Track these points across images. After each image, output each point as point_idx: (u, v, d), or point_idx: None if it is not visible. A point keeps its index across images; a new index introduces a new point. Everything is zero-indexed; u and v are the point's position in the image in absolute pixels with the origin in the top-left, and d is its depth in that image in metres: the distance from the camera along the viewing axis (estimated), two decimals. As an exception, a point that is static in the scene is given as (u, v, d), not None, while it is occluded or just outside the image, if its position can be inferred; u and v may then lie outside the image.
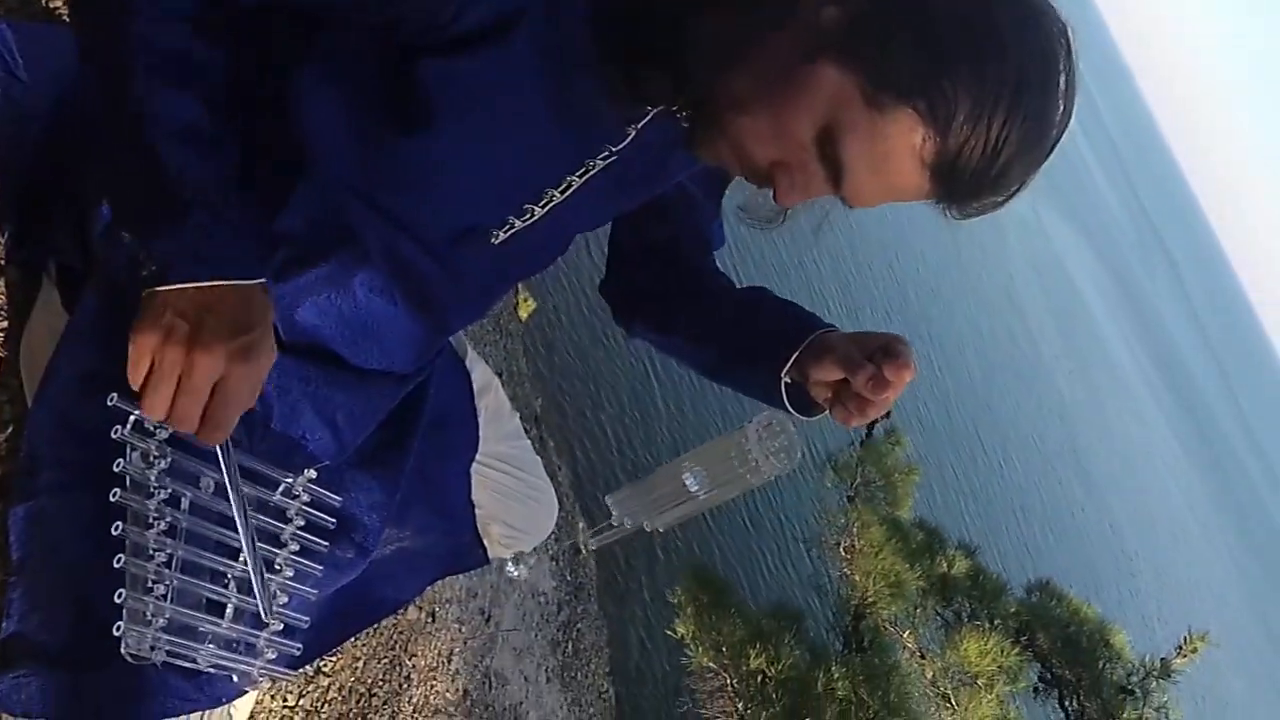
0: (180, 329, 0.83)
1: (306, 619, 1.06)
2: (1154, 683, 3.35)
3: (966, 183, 0.84)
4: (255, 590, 0.97)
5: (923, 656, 3.60)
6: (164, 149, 0.83)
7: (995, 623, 3.68)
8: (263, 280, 0.88)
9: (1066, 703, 3.58)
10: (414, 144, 0.96)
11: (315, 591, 1.08)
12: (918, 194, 0.87)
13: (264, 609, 0.97)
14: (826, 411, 1.04)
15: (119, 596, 0.89)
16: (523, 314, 3.90)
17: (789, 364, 1.05)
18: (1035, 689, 3.55)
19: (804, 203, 0.93)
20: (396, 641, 1.76)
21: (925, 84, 0.81)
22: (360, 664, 1.64)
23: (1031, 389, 15.87)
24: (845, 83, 0.82)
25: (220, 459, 0.93)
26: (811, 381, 1.02)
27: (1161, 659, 3.35)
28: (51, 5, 1.15)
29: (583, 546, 3.26)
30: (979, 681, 3.30)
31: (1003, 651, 3.26)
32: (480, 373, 1.44)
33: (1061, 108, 0.85)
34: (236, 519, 0.95)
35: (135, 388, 0.86)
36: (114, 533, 0.90)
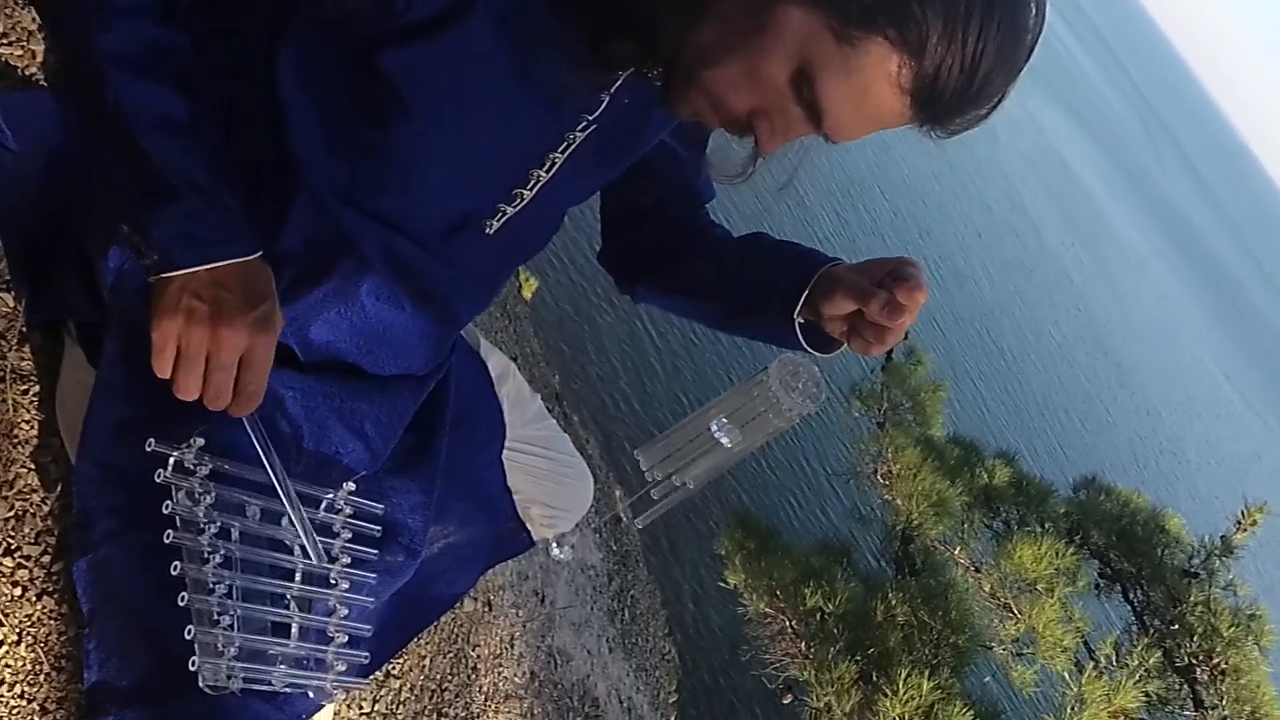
0: (200, 310, 0.87)
1: (369, 627, 1.08)
2: (1216, 562, 3.34)
3: (948, 102, 0.84)
4: (306, 546, 1.00)
5: (977, 570, 3.61)
6: (145, 141, 0.87)
7: (1045, 526, 3.68)
8: (261, 252, 0.91)
9: (1130, 595, 3.58)
10: (390, 140, 0.96)
11: (372, 600, 1.10)
12: (900, 120, 0.86)
13: (315, 554, 1.01)
14: (844, 345, 1.03)
15: (189, 633, 0.91)
16: (526, 294, 3.90)
17: (800, 304, 1.04)
18: (1096, 586, 3.56)
19: (772, 153, 0.92)
20: (458, 634, 1.80)
21: (893, 10, 0.80)
22: (427, 661, 1.67)
23: (1043, 283, 15.75)
24: (812, 22, 0.82)
25: (250, 429, 0.97)
26: (825, 317, 1.02)
27: (1221, 537, 3.34)
28: (29, 73, 1.17)
29: (623, 515, 3.29)
30: (1038, 587, 3.31)
31: (1057, 554, 3.26)
32: (496, 361, 1.45)
33: (1034, 9, 0.84)
34: (273, 478, 0.98)
35: (162, 375, 0.90)
36: (173, 572, 0.92)
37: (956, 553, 3.72)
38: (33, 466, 1.10)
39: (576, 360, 5.12)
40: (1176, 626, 3.23)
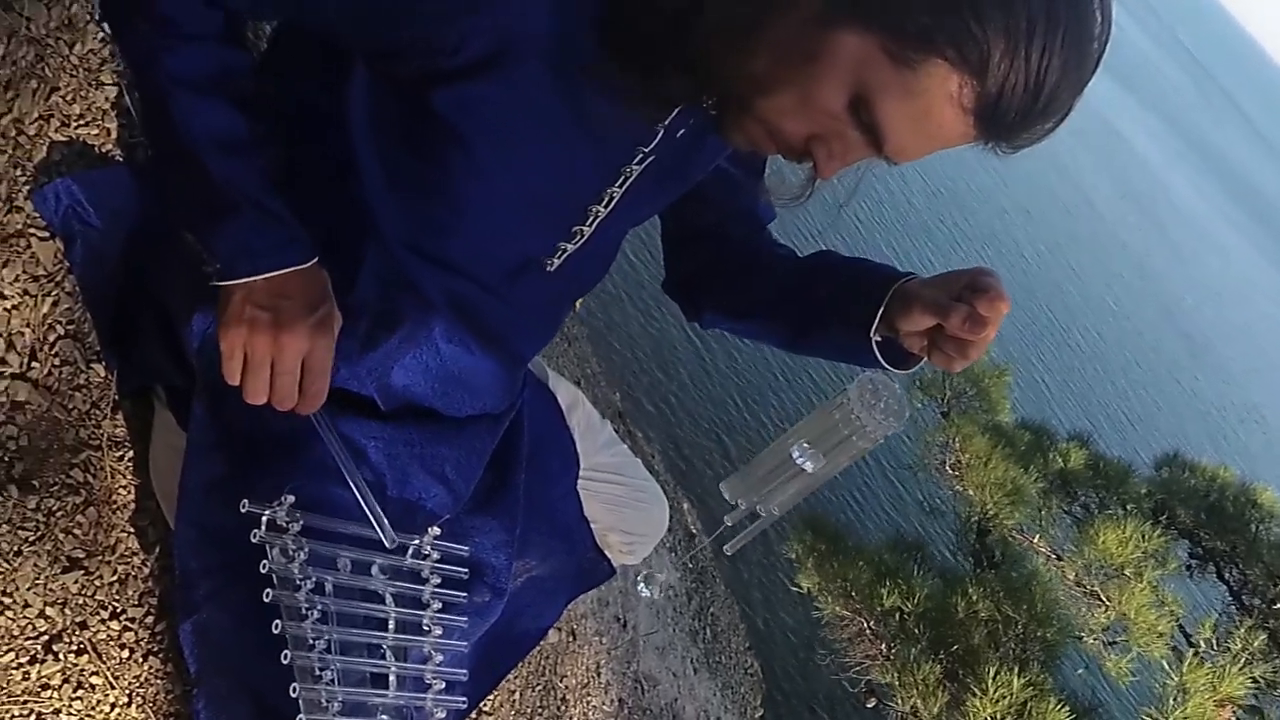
0: (262, 318, 0.93)
1: (464, 671, 1.10)
2: (1316, 534, 3.24)
3: (1013, 120, 0.81)
4: (373, 523, 1.03)
5: (1059, 559, 3.53)
6: (207, 159, 0.92)
7: (1128, 508, 3.58)
8: (316, 259, 0.96)
9: (1225, 575, 3.47)
10: (449, 182, 0.97)
11: (465, 644, 1.12)
12: (964, 140, 0.84)
13: (385, 537, 1.03)
14: (924, 360, 1.01)
15: (294, 691, 0.94)
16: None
17: (876, 321, 1.02)
18: (1188, 568, 3.46)
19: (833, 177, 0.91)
20: (544, 667, 1.81)
21: (950, 29, 0.77)
22: (516, 696, 1.69)
23: (1100, 257, 15.39)
24: (867, 46, 0.80)
25: (318, 426, 1.02)
26: (903, 334, 0.99)
27: (1320, 507, 3.23)
28: (106, 150, 1.21)
29: (694, 529, 3.27)
30: (1125, 572, 3.21)
31: (1143, 536, 3.16)
32: (565, 391, 1.46)
33: (1100, 16, 0.81)
34: (341, 467, 1.02)
35: (232, 381, 0.96)
36: (274, 631, 0.95)
37: (1036, 541, 3.65)
38: (132, 530, 1.14)
39: (632, 372, 5.13)
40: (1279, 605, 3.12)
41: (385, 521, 1.03)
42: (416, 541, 1.10)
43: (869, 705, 3.60)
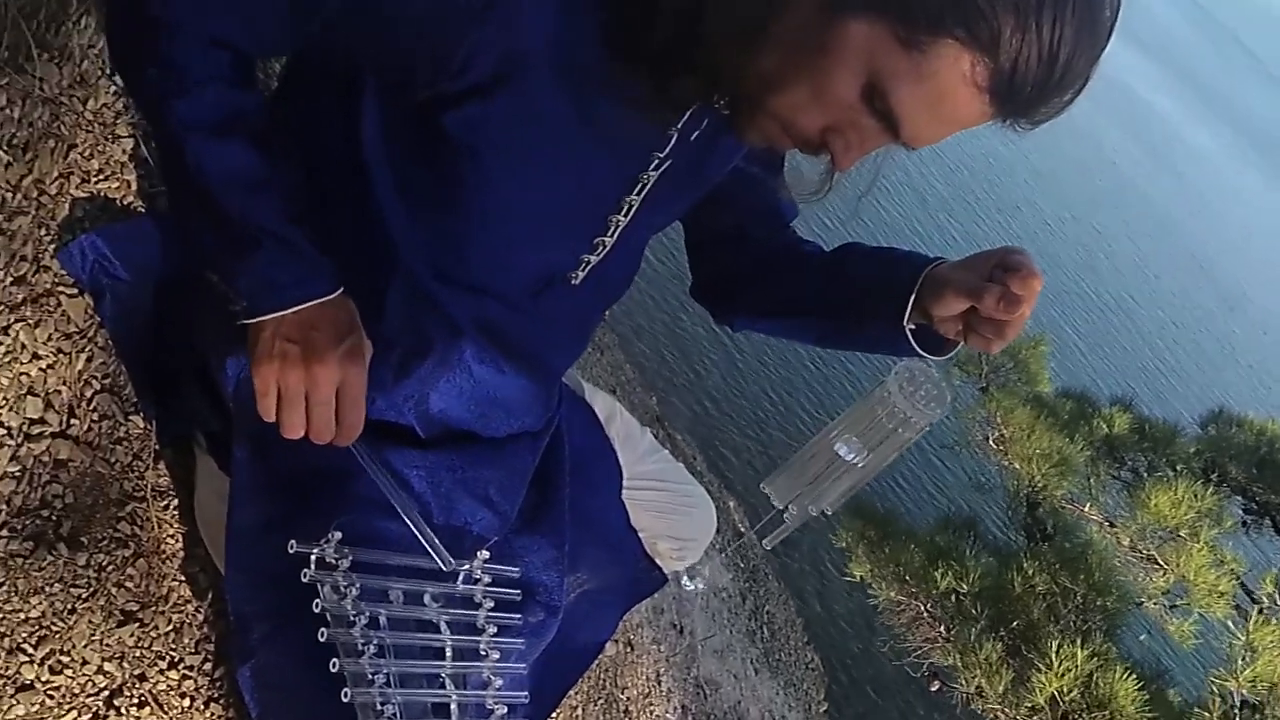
0: (292, 352, 0.93)
1: (525, 694, 1.09)
2: (1373, 478, 3.18)
3: (1030, 95, 0.80)
4: (427, 548, 1.02)
5: (1113, 525, 3.49)
6: (224, 198, 0.92)
7: (1178, 469, 3.54)
8: (341, 289, 0.96)
9: (1284, 528, 3.42)
10: (466, 201, 0.97)
11: (523, 665, 1.11)
12: (981, 118, 0.83)
13: (441, 560, 1.02)
14: (961, 345, 1.00)
15: (357, 727, 0.93)
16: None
17: (909, 309, 1.01)
18: (1243, 524, 3.41)
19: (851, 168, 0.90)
20: (605, 680, 1.80)
21: (958, 9, 0.76)
22: (579, 712, 1.68)
23: (1128, 217, 15.19)
24: (876, 33, 0.79)
25: (357, 454, 1.01)
26: (937, 320, 0.98)
27: (1373, 452, 3.17)
28: (127, 203, 1.22)
29: (742, 528, 3.26)
30: (1181, 533, 3.17)
31: (1196, 496, 3.13)
32: (602, 402, 1.45)
33: None
34: (389, 495, 1.02)
35: (268, 418, 0.95)
36: (333, 669, 0.94)
37: (1087, 510, 3.60)
38: (183, 578, 1.14)
39: (662, 373, 5.12)
40: (1343, 553, 3.06)
41: (439, 545, 1.03)
42: (467, 566, 1.09)
43: (933, 689, 3.58)
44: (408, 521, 1.02)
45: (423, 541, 1.02)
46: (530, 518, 1.21)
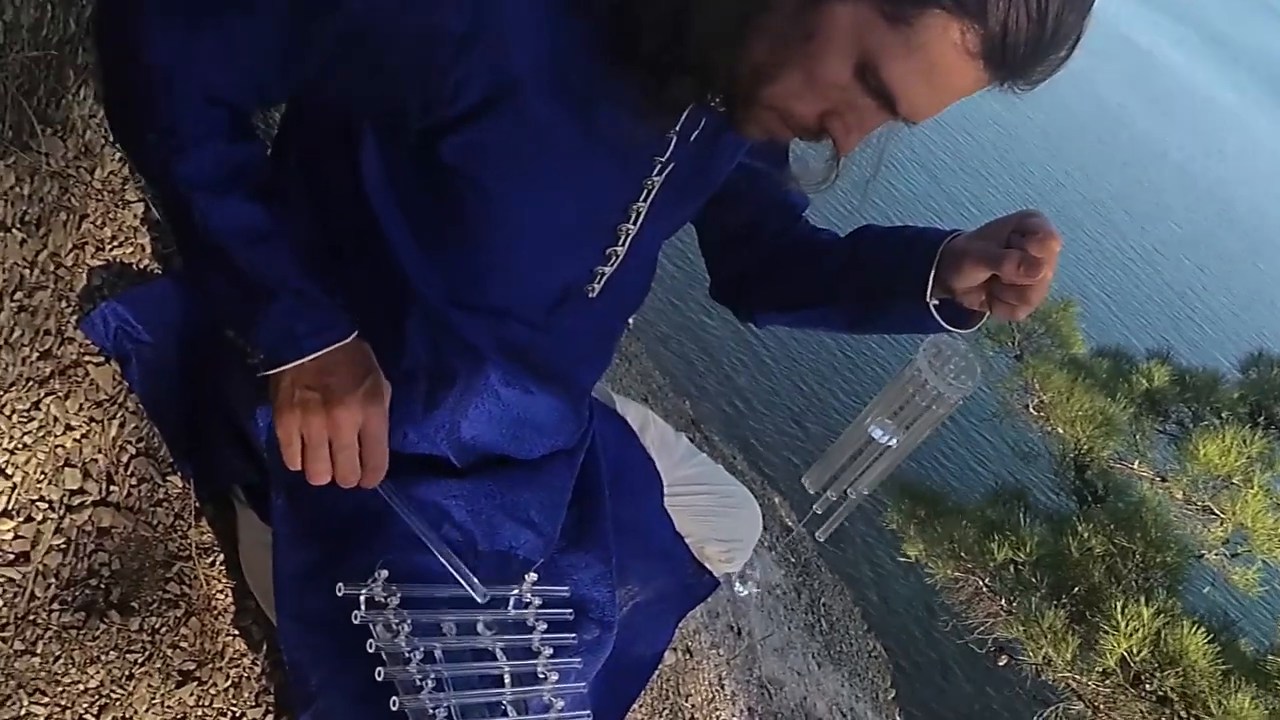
0: (312, 399, 0.94)
1: (588, 713, 1.08)
2: None
3: (1024, 55, 0.79)
4: (461, 582, 1.01)
5: (1164, 480, 3.45)
6: (235, 255, 0.93)
7: (1223, 416, 3.50)
8: (356, 333, 0.97)
9: (1337, 465, 3.36)
10: (474, 227, 0.97)
11: (583, 684, 1.11)
12: (978, 85, 0.82)
13: (476, 593, 1.01)
14: (987, 316, 0.99)
15: (423, 763, 0.93)
16: (629, 321, 3.90)
17: (930, 285, 1.00)
18: (1297, 464, 3.35)
19: (855, 151, 0.89)
20: (667, 689, 1.79)
21: None
22: (645, 724, 1.67)
23: (1144, 172, 15.03)
24: (861, 12, 0.79)
25: (385, 495, 1.01)
26: (959, 292, 0.97)
27: None
28: (144, 266, 1.23)
29: (790, 524, 3.25)
30: (1234, 481, 3.14)
31: (1245, 441, 3.10)
32: (634, 413, 1.44)
33: None
34: (419, 534, 1.01)
35: (293, 467, 0.97)
36: (393, 708, 0.94)
37: (1137, 467, 3.57)
38: (236, 633, 1.14)
39: (692, 377, 5.11)
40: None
41: (473, 577, 1.02)
42: (516, 591, 1.08)
43: (1001, 664, 3.54)
44: (439, 556, 1.02)
45: (456, 576, 1.02)
46: (574, 535, 1.20)
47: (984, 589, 3.35)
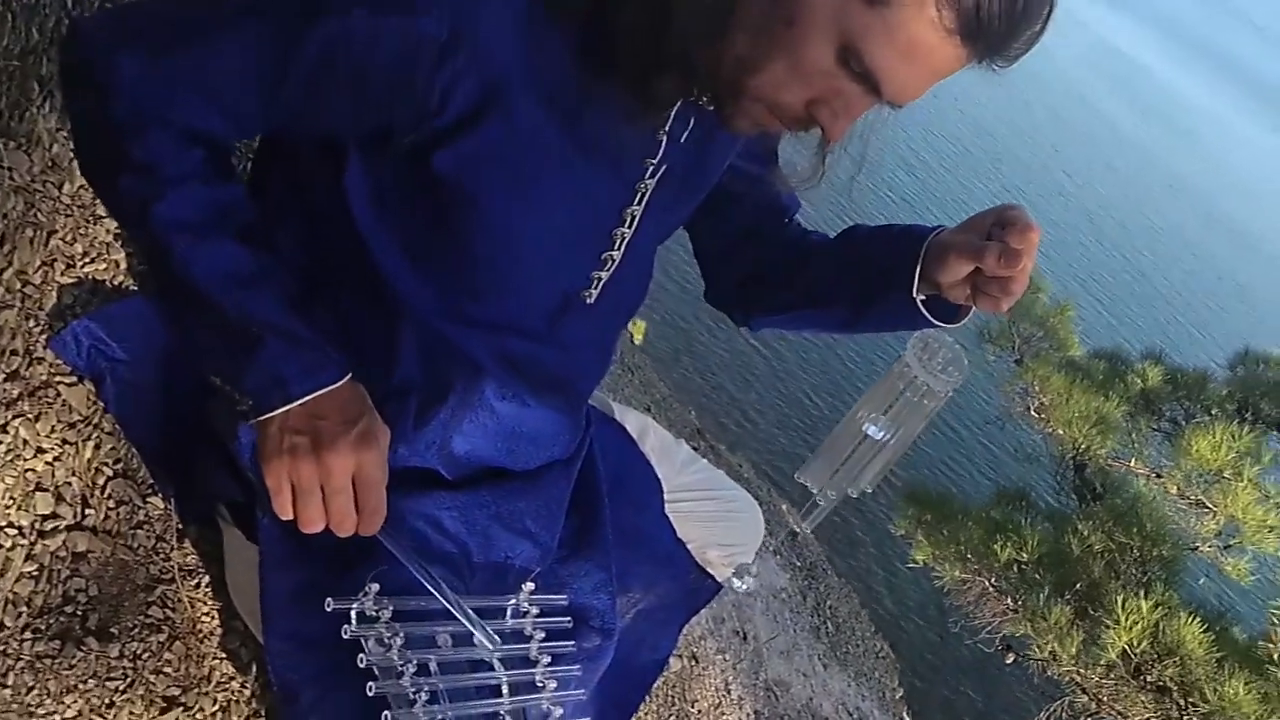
0: (302, 444, 0.89)
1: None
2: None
3: (999, 29, 0.81)
4: (468, 625, 0.97)
5: (1159, 476, 3.50)
6: (218, 299, 0.89)
7: (1213, 412, 3.58)
8: (349, 375, 0.92)
9: (1326, 457, 3.43)
10: (468, 240, 0.95)
11: (583, 692, 1.08)
12: (958, 63, 0.83)
13: (486, 643, 0.98)
14: (973, 309, 1.01)
15: (419, 779, 0.89)
16: (638, 338, 3.88)
17: (915, 281, 1.01)
18: (1284, 458, 3.42)
19: (839, 148, 0.92)
20: (673, 696, 1.76)
21: None
22: (651, 731, 1.64)
23: (1132, 175, 15.19)
24: None
25: (386, 542, 0.97)
26: (944, 286, 0.98)
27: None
28: (118, 282, 1.20)
29: (796, 528, 3.23)
30: (1225, 475, 3.22)
31: (1234, 436, 3.19)
32: (633, 420, 1.42)
33: None
34: (413, 569, 0.97)
35: (284, 516, 0.92)
36: (387, 724, 0.90)
37: (1133, 464, 3.63)
38: (224, 655, 1.11)
39: (695, 386, 5.12)
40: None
41: (485, 626, 0.99)
42: (513, 600, 1.06)
43: (1009, 662, 3.56)
44: (445, 604, 0.98)
45: (466, 624, 0.98)
46: (574, 544, 1.18)
47: (990, 589, 3.40)
